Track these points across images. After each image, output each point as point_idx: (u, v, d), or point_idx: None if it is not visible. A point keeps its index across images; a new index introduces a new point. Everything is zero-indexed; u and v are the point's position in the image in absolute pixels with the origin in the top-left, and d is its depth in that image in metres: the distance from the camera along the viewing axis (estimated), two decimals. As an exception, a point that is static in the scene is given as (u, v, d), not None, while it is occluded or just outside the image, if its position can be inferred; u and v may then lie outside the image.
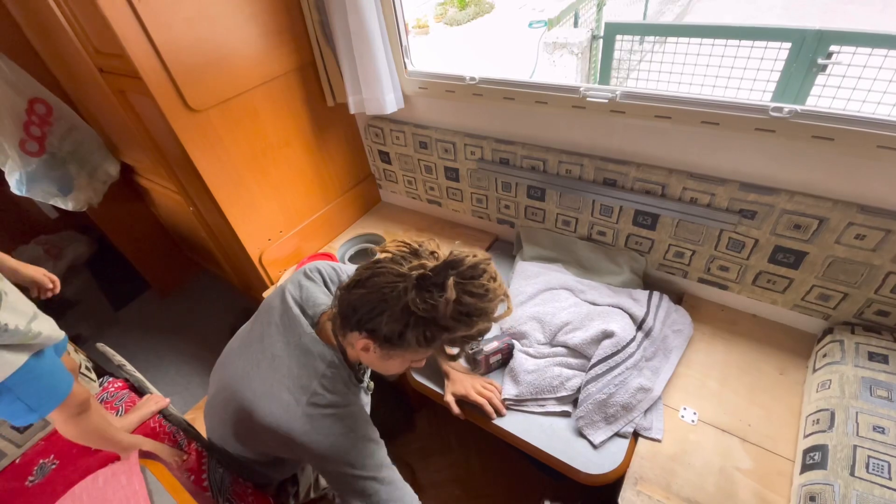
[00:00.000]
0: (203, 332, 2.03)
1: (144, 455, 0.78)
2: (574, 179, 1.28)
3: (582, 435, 1.06)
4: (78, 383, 0.94)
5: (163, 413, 1.21)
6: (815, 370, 1.06)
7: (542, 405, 1.11)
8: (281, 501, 1.13)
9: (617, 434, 1.04)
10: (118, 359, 1.32)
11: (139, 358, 1.93)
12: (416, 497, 0.86)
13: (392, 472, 0.85)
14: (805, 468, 0.90)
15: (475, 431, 1.34)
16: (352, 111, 1.45)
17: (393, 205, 1.93)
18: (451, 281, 0.65)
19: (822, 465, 0.86)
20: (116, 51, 1.12)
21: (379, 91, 1.36)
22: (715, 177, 1.09)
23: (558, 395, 1.11)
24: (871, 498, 0.77)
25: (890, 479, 0.78)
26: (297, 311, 0.86)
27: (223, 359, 0.98)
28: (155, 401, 1.24)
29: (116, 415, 1.21)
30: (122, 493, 0.72)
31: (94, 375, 1.29)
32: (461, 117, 1.43)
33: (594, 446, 1.03)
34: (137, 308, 2.22)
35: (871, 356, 0.98)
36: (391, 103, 1.40)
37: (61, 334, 0.79)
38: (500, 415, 1.12)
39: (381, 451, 0.85)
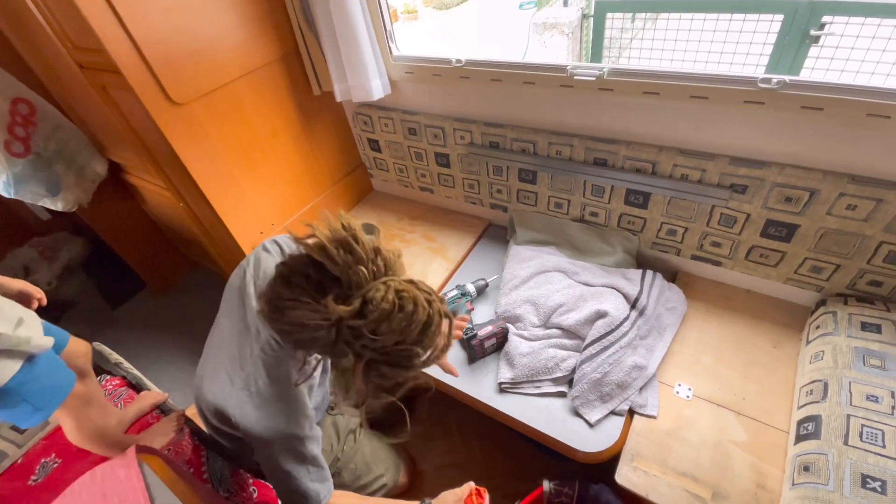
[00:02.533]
0: (201, 328, 2.01)
1: (142, 450, 0.79)
2: (565, 161, 1.26)
3: (578, 414, 1.06)
4: (81, 381, 0.94)
5: (161, 409, 1.22)
6: (808, 342, 1.06)
7: (538, 386, 1.12)
8: None
9: (612, 412, 1.05)
10: (115, 357, 1.33)
11: (139, 356, 1.94)
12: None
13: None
14: (799, 439, 0.90)
15: (474, 416, 1.35)
16: (338, 99, 1.43)
17: (385, 193, 1.91)
18: (360, 366, 0.62)
19: (815, 435, 0.87)
20: (94, 45, 1.10)
21: (365, 78, 1.34)
22: (705, 152, 1.08)
23: (553, 375, 1.11)
24: (866, 466, 0.78)
25: (884, 446, 0.79)
26: (251, 289, 0.82)
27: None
28: (153, 395, 1.25)
29: None
30: (120, 487, 0.72)
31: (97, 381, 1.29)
32: (449, 101, 1.41)
33: (590, 425, 1.04)
34: (134, 307, 2.22)
35: (864, 326, 0.99)
36: (378, 90, 1.38)
37: (49, 341, 0.78)
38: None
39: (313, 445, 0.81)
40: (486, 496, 0.92)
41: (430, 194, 1.71)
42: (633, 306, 1.19)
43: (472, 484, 0.94)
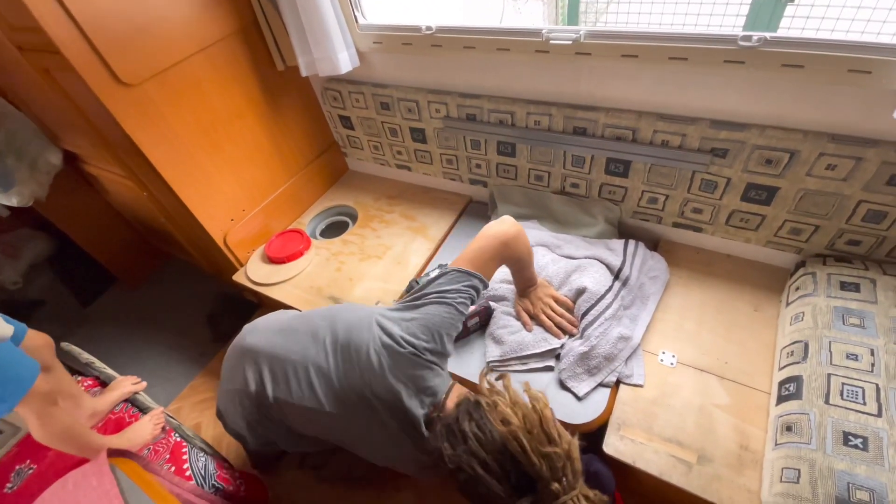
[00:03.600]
0: (179, 321, 1.97)
1: (114, 454, 0.75)
2: (544, 131, 1.22)
3: (566, 388, 1.06)
4: (44, 377, 0.90)
5: (138, 406, 1.17)
6: (788, 304, 1.07)
7: (525, 363, 1.11)
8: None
9: (600, 384, 1.05)
10: (85, 356, 1.27)
11: (114, 353, 1.88)
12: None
13: None
14: (781, 399, 0.92)
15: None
16: (304, 74, 1.35)
17: (361, 173, 1.85)
18: None
19: (797, 395, 0.88)
20: (30, 24, 1.00)
21: (330, 49, 1.26)
22: (685, 116, 1.05)
23: (540, 350, 1.10)
24: (847, 423, 0.79)
25: (864, 404, 0.80)
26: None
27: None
28: (131, 381, 1.20)
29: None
30: (93, 494, 0.69)
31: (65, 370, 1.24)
32: (422, 72, 1.35)
33: (579, 398, 1.04)
34: (106, 303, 2.14)
35: (843, 286, 0.99)
36: (345, 62, 1.31)
37: (8, 329, 0.74)
38: (569, 334, 1.11)
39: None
40: None
41: (408, 172, 1.65)
42: (616, 277, 1.18)
43: None
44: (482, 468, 0.68)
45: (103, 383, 1.22)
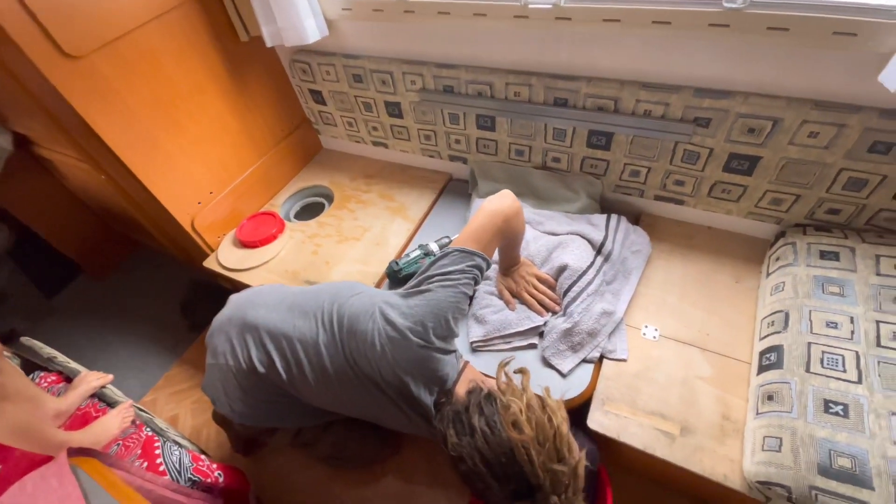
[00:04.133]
0: (150, 310, 1.90)
1: (75, 453, 0.71)
2: (524, 103, 1.18)
3: (550, 365, 1.05)
4: None
5: (106, 401, 1.12)
6: (768, 274, 1.07)
7: (509, 341, 1.09)
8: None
9: (584, 360, 1.04)
10: (47, 351, 1.20)
11: (84, 346, 1.80)
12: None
13: None
14: (762, 369, 0.92)
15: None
16: (269, 44, 1.26)
17: (336, 151, 1.78)
18: None
19: (778, 364, 0.88)
20: (-43, -11, 0.90)
21: (296, 17, 1.18)
22: (668, 84, 1.02)
23: (523, 328, 1.08)
24: (828, 391, 0.80)
25: (844, 371, 0.81)
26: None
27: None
28: (96, 376, 1.13)
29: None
30: (53, 497, 0.65)
31: (20, 372, 1.17)
32: (395, 41, 1.28)
33: (563, 375, 1.02)
34: (72, 294, 2.04)
35: (823, 255, 0.99)
36: (312, 31, 1.23)
37: None
38: (551, 311, 1.10)
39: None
40: None
41: (385, 149, 1.59)
42: (598, 252, 1.16)
43: None
44: (484, 465, 0.67)
45: (68, 378, 1.16)
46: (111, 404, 1.12)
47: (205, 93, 1.33)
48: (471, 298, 1.16)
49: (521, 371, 0.78)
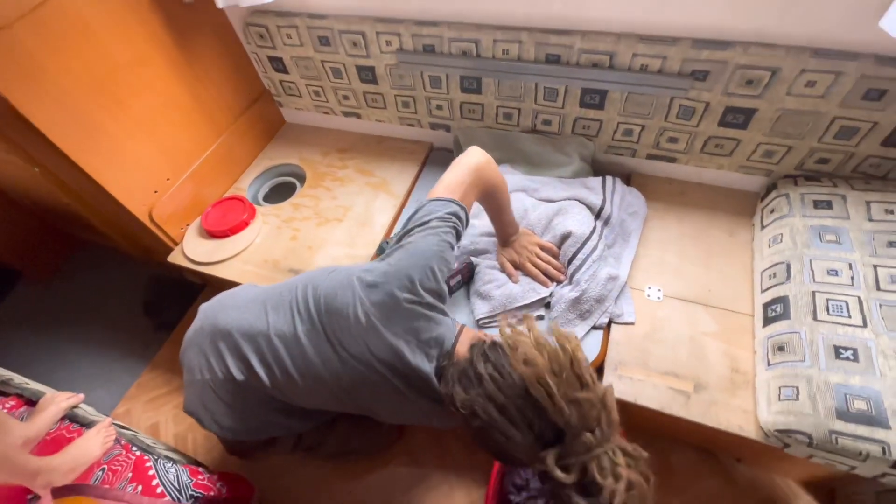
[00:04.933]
0: (108, 313, 1.73)
1: (62, 492, 0.62)
2: (513, 61, 1.10)
3: (559, 336, 1.03)
4: None
5: (79, 421, 1.00)
6: (763, 227, 1.08)
7: (516, 315, 1.06)
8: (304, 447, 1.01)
9: (593, 327, 1.03)
10: (1, 372, 1.05)
11: (38, 361, 1.62)
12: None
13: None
14: (768, 321, 0.94)
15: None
16: (220, 5, 1.10)
17: (301, 125, 1.64)
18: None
19: (785, 315, 0.90)
20: None
21: (250, -28, 1.03)
22: (666, 36, 0.98)
23: (530, 300, 1.05)
24: (836, 337, 0.82)
25: (850, 317, 0.83)
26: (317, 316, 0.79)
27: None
28: (65, 396, 1.01)
29: None
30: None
31: (-30, 400, 1.02)
32: (366, -2, 1.15)
33: (573, 344, 1.01)
34: (15, 303, 1.81)
35: (817, 204, 1.01)
36: (271, -12, 1.08)
37: None
38: (556, 281, 1.06)
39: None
40: None
41: (358, 120, 1.47)
42: (597, 216, 1.13)
43: None
44: (500, 413, 0.60)
45: (30, 401, 1.02)
46: (86, 425, 1.00)
47: (148, 64, 1.15)
48: (471, 275, 1.12)
49: (525, 317, 0.70)
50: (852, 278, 0.88)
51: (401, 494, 1.28)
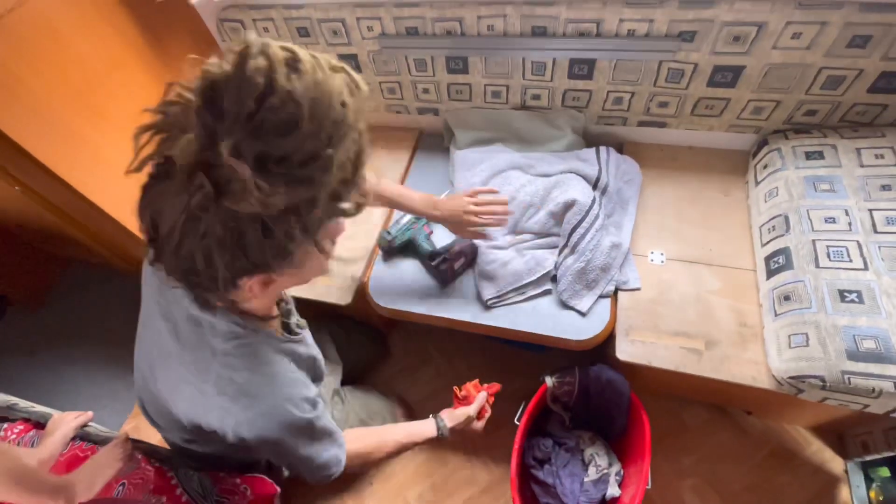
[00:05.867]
0: (105, 331, 1.69)
1: (94, 506, 0.61)
2: (498, 37, 1.09)
3: (567, 307, 1.04)
4: None
5: (91, 440, 0.98)
6: (758, 182, 1.10)
7: (523, 292, 1.06)
8: (276, 476, 1.02)
9: (601, 296, 1.03)
10: (3, 398, 1.03)
11: (39, 386, 1.58)
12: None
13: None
14: (771, 273, 0.96)
15: (451, 335, 1.30)
16: (193, 1, 1.07)
17: (286, 122, 1.60)
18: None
19: (787, 266, 0.92)
20: None
21: (223, -37, 1.00)
22: (652, -1, 0.97)
23: (536, 276, 1.06)
24: (839, 282, 0.84)
25: (851, 261, 0.85)
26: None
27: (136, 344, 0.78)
28: (73, 416, 0.99)
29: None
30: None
31: (-23, 430, 0.99)
32: (343, -16, 1.12)
33: (583, 314, 1.02)
34: (7, 331, 1.76)
35: (808, 155, 1.03)
36: (245, -21, 1.05)
37: None
38: (500, 223, 0.97)
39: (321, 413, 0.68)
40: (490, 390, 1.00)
41: (343, 111, 1.45)
42: (594, 187, 1.14)
43: (482, 395, 0.98)
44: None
45: (38, 424, 1.00)
46: (98, 442, 0.98)
47: (123, 68, 1.12)
48: (474, 256, 1.11)
49: None
50: (850, 224, 0.90)
51: (423, 480, 1.29)
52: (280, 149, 0.39)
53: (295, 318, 0.73)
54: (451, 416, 0.92)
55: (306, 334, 0.74)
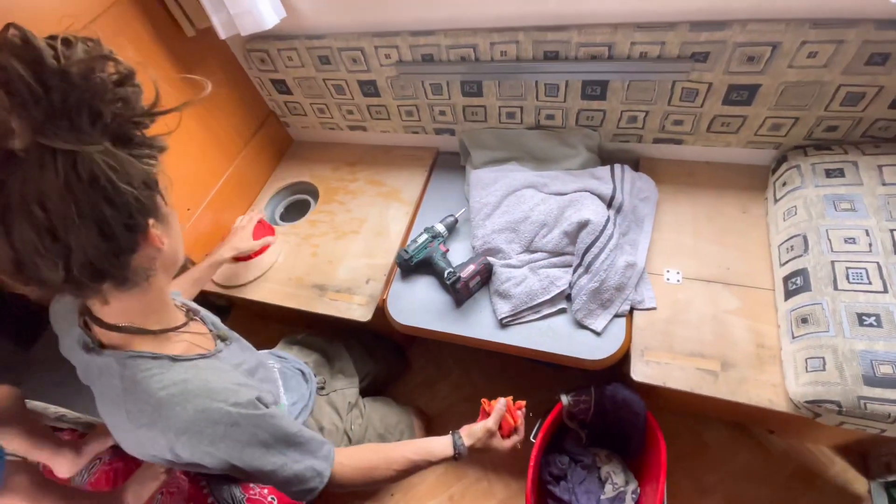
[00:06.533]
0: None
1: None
2: (511, 62, 1.12)
3: (583, 326, 1.05)
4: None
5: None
6: (776, 200, 1.09)
7: (538, 311, 1.08)
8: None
9: (615, 315, 1.04)
10: (53, 409, 1.11)
11: (77, 393, 1.67)
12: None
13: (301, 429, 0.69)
14: (789, 294, 0.95)
15: (469, 347, 1.32)
16: (223, 36, 1.13)
17: (309, 142, 1.67)
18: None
19: (805, 287, 0.91)
20: None
21: (249, 1, 1.06)
22: (663, 22, 0.98)
23: (550, 295, 1.07)
24: (858, 305, 0.83)
25: (870, 283, 0.84)
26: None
27: None
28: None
29: (86, 470, 1.03)
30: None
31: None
32: (362, 12, 1.17)
33: (598, 334, 1.03)
34: (49, 341, 1.89)
35: (829, 173, 1.02)
36: (269, 14, 1.11)
37: None
38: None
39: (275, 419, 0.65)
40: (520, 410, 0.89)
41: (363, 132, 1.50)
42: (609, 205, 1.15)
43: (501, 403, 0.87)
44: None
45: (83, 435, 1.08)
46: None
47: (157, 101, 1.19)
48: (489, 275, 1.13)
49: None
50: (870, 245, 0.88)
51: (441, 492, 1.32)
52: None
53: (217, 330, 0.77)
54: (470, 433, 0.82)
55: (226, 350, 0.74)
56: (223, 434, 0.59)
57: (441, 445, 0.81)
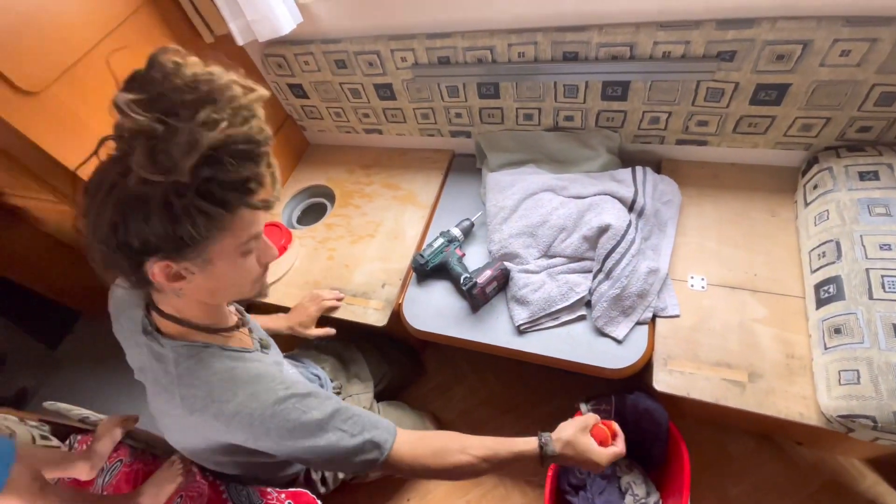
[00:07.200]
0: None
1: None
2: (529, 63, 1.10)
3: (603, 333, 1.03)
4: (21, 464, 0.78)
5: (152, 452, 1.07)
6: (807, 203, 1.05)
7: (557, 318, 1.06)
8: (313, 491, 1.07)
9: (637, 323, 1.02)
10: (76, 411, 1.13)
11: (100, 393, 1.72)
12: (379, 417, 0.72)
13: (346, 406, 0.69)
14: (821, 303, 0.91)
15: (485, 354, 1.31)
16: (240, 42, 1.14)
17: (325, 146, 1.67)
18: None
19: (839, 296, 0.87)
20: None
21: (266, 7, 1.06)
22: (688, 20, 0.95)
23: (569, 302, 1.05)
24: (894, 315, 0.79)
25: (909, 292, 0.80)
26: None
27: None
28: (120, 419, 1.06)
29: (106, 468, 1.05)
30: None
31: (55, 441, 1.10)
32: (378, 15, 1.16)
33: (619, 342, 1.01)
34: (76, 340, 1.93)
35: (862, 176, 0.97)
36: (286, 20, 1.11)
37: None
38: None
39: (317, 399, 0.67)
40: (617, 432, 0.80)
41: (379, 135, 1.50)
42: (630, 209, 1.12)
43: (594, 417, 0.80)
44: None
45: (104, 436, 1.10)
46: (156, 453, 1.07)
47: (179, 107, 1.20)
48: (506, 280, 1.12)
49: None
50: (909, 252, 0.84)
51: (457, 498, 1.31)
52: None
53: (258, 336, 0.81)
54: (558, 428, 0.75)
55: (267, 355, 0.79)
56: (272, 414, 0.63)
57: (522, 440, 0.73)
